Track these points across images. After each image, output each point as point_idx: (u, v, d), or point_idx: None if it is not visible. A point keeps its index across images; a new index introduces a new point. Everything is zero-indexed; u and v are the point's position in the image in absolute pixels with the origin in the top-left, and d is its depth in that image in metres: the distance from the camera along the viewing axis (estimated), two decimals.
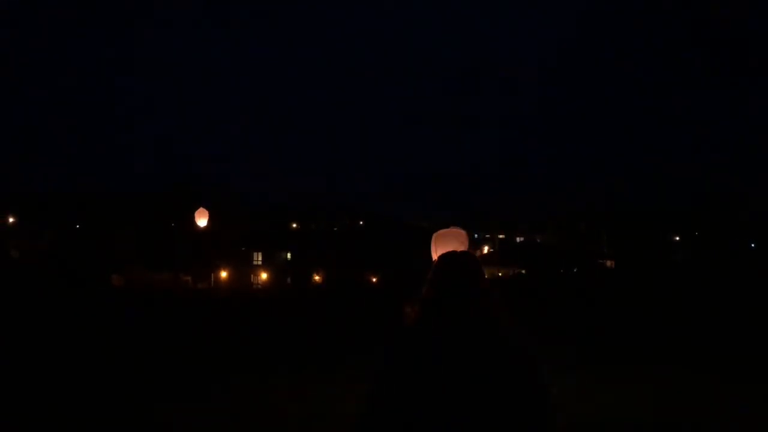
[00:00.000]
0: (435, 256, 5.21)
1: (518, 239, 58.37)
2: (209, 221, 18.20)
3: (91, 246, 36.99)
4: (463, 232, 4.91)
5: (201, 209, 16.88)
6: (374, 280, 34.63)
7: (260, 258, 45.19)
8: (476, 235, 59.47)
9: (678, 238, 48.26)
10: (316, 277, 39.88)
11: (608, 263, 43.53)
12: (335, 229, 55.46)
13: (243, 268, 42.41)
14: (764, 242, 40.50)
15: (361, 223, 59.02)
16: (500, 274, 42.38)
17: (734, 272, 21.19)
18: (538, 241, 55.76)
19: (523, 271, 40.16)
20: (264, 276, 43.20)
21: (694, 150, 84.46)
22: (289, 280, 39.13)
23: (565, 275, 33.22)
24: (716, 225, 46.04)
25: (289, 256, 46.04)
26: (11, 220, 46.23)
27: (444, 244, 5.08)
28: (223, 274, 40.83)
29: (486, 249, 59.12)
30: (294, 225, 55.90)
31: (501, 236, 60.91)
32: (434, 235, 4.77)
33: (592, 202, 59.94)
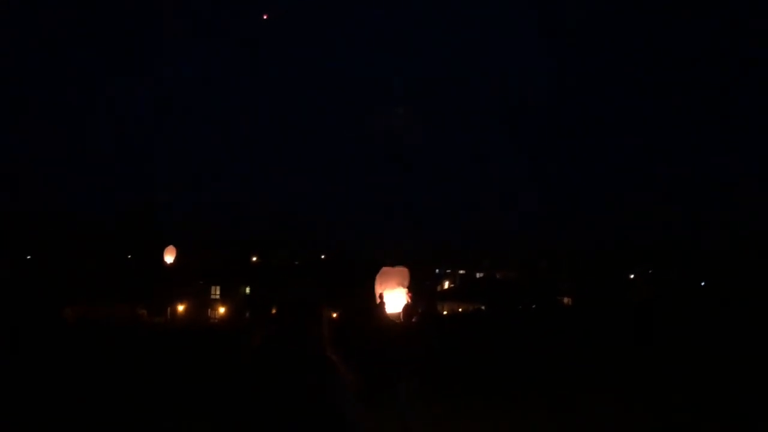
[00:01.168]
0: (378, 290, 5.44)
1: (478, 275, 58.89)
2: (169, 254, 18.26)
3: (41, 277, 35.93)
4: (405, 270, 5.17)
5: (170, 246, 17.24)
6: (334, 315, 34.39)
7: (218, 292, 44.55)
8: (437, 270, 59.80)
9: (632, 276, 49.42)
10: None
11: (566, 300, 44.22)
12: (296, 262, 55.05)
13: (201, 302, 41.72)
14: (714, 281, 41.74)
15: (323, 257, 58.74)
16: (460, 309, 42.60)
17: (684, 310, 21.79)
18: (498, 276, 56.33)
19: (483, 307, 40.43)
20: (222, 310, 42.53)
21: (652, 188, 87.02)
22: (247, 314, 38.59)
23: (523, 311, 33.58)
24: (668, 263, 47.37)
25: (248, 290, 45.47)
26: None
27: (387, 280, 5.33)
28: (180, 308, 40.03)
29: (447, 284, 59.45)
30: (254, 258, 55.32)
31: (462, 272, 61.39)
32: (379, 273, 5.04)
33: (552, 238, 61.05)
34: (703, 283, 42.66)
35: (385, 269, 4.21)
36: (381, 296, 4.95)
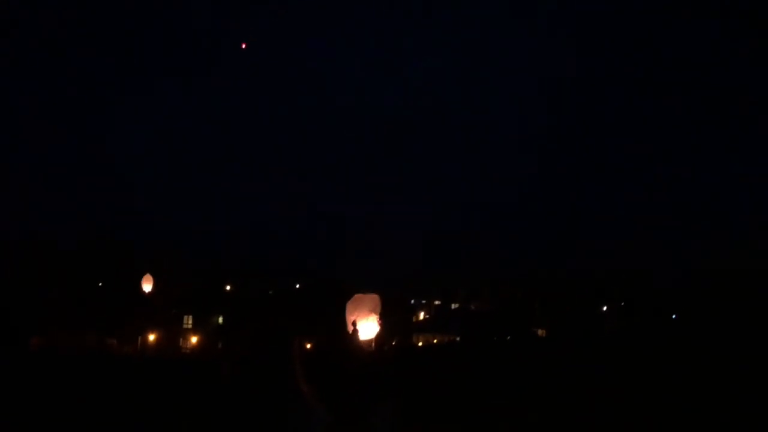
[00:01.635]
0: (350, 317, 5.50)
1: (453, 306, 58.87)
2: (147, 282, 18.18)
3: (8, 305, 35.05)
4: (377, 297, 5.24)
5: (147, 275, 17.25)
6: (308, 346, 34.08)
7: (191, 321, 43.83)
8: (413, 301, 59.65)
9: (605, 308, 49.87)
10: None
11: (540, 332, 44.42)
12: (271, 292, 54.48)
13: (172, 332, 41.01)
14: (685, 314, 42.33)
15: (297, 286, 58.22)
16: (435, 341, 42.50)
17: (655, 344, 22.06)
18: (473, 308, 56.39)
19: (458, 338, 40.44)
20: (194, 340, 41.85)
21: (628, 220, 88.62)
22: (220, 345, 38.02)
23: (498, 343, 33.67)
24: (640, 296, 47.96)
25: (221, 319, 44.85)
26: None
27: (358, 307, 5.40)
28: (151, 338, 39.30)
29: (422, 315, 59.30)
30: (228, 287, 54.67)
31: (437, 302, 61.32)
32: (351, 299, 5.11)
33: (526, 270, 61.43)
34: (674, 316, 43.24)
35: (357, 296, 4.31)
36: (354, 323, 4.98)
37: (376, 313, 4.99)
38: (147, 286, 17.57)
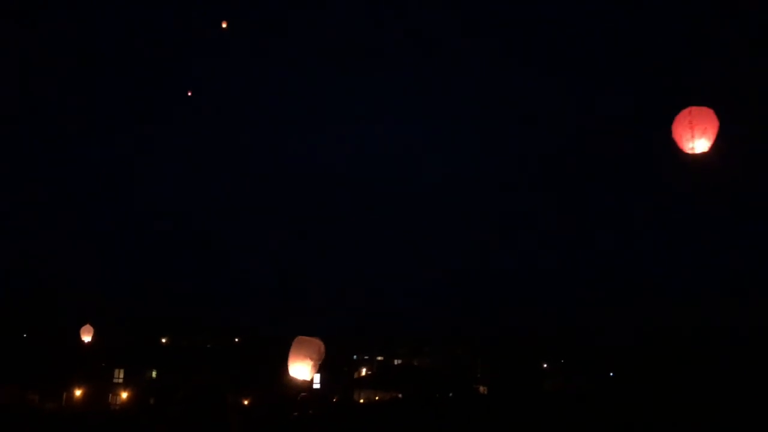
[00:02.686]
0: (291, 359, 5.29)
1: (396, 362, 58.30)
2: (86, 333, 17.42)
3: None
4: (319, 343, 5.13)
5: (87, 325, 16.58)
6: (246, 402, 32.96)
7: (122, 375, 41.72)
8: (355, 357, 58.79)
9: (546, 366, 50.34)
10: None
11: (482, 389, 44.34)
12: (208, 345, 52.87)
13: (101, 386, 38.95)
14: (622, 371, 43.17)
15: (236, 340, 56.80)
16: (377, 398, 41.75)
17: (594, 401, 22.28)
18: (415, 364, 55.96)
19: (400, 395, 39.86)
20: (125, 395, 39.81)
21: (563, 280, 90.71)
22: (152, 400, 36.29)
23: (440, 400, 33.33)
24: (579, 354, 48.77)
25: (154, 374, 42.94)
26: None
27: (300, 349, 5.29)
28: (78, 393, 37.22)
29: (364, 371, 58.38)
30: (163, 340, 52.68)
31: (379, 358, 60.63)
32: (294, 341, 4.99)
33: (468, 327, 61.69)
34: (612, 374, 44.03)
35: (300, 338, 4.24)
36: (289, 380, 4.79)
37: (312, 359, 4.77)
38: (87, 337, 16.82)
